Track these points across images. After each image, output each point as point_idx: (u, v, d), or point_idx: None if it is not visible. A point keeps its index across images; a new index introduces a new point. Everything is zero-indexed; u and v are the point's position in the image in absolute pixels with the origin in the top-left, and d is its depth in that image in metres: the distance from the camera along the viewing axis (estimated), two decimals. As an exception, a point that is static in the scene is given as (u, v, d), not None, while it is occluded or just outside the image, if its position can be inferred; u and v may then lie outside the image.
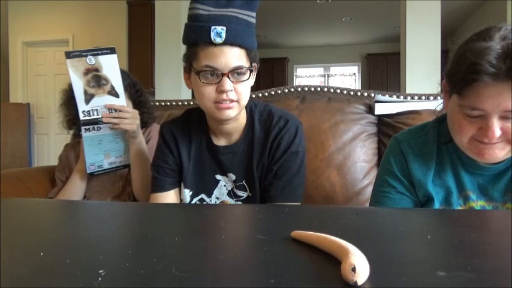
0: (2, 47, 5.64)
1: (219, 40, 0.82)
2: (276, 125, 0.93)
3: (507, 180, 0.78)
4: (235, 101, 0.87)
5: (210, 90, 0.85)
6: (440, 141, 0.84)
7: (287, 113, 0.98)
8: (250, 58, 0.88)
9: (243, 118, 0.96)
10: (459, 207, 0.82)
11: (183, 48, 0.90)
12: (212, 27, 0.82)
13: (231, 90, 0.85)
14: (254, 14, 0.88)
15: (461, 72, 0.68)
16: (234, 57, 0.84)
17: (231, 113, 0.87)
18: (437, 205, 0.83)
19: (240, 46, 0.85)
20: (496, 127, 0.67)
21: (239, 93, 0.87)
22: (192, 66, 0.87)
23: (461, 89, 0.69)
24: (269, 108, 0.98)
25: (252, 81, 0.92)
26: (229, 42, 0.83)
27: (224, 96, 0.85)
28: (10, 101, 5.49)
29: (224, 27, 0.82)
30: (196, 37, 0.84)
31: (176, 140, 0.98)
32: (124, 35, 5.06)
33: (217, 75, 0.84)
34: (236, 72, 0.85)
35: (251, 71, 0.88)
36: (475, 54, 0.65)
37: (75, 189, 1.27)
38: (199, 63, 0.85)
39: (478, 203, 0.81)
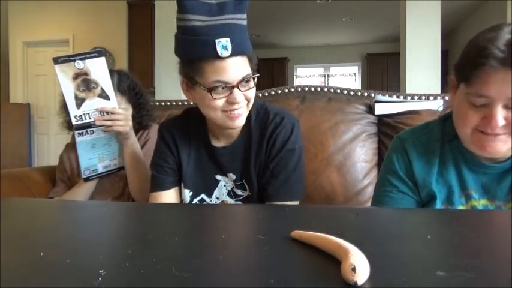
0: (2, 47, 5.64)
1: (226, 54, 0.79)
2: (271, 121, 0.93)
3: (511, 179, 0.78)
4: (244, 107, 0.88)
5: (220, 103, 0.85)
6: (444, 139, 0.84)
7: (283, 110, 0.98)
8: (251, 61, 0.87)
9: None
10: (461, 206, 0.82)
11: (183, 49, 0.90)
12: (217, 41, 0.78)
13: (243, 101, 0.86)
14: (245, 16, 0.85)
15: (470, 58, 0.70)
16: (242, 66, 0.83)
17: (241, 120, 0.88)
18: (439, 204, 0.83)
19: (244, 54, 0.83)
20: (500, 115, 0.68)
21: (248, 98, 0.87)
22: (195, 81, 0.85)
23: (469, 74, 0.70)
24: (265, 106, 0.98)
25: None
26: (235, 53, 0.80)
27: (236, 106, 0.85)
28: (10, 101, 5.49)
29: (228, 39, 0.79)
30: (199, 52, 0.80)
31: (175, 141, 0.97)
32: (124, 35, 5.06)
33: (227, 88, 0.83)
34: (244, 81, 0.84)
35: (255, 78, 0.87)
36: (484, 41, 0.68)
37: (80, 195, 1.27)
38: (206, 78, 0.82)
39: (480, 202, 0.81)
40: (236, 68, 0.82)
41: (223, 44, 0.78)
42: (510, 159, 0.77)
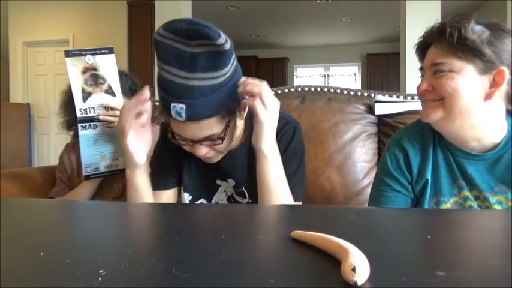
0: (2, 47, 5.64)
1: (179, 119, 0.75)
2: None
3: (496, 172, 0.80)
4: (214, 153, 0.86)
5: (187, 148, 0.84)
6: (435, 133, 0.87)
7: (286, 114, 0.96)
8: (229, 111, 0.80)
9: (240, 129, 0.93)
10: (454, 197, 0.84)
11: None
12: (172, 105, 0.74)
13: (207, 152, 0.83)
14: (227, 69, 0.75)
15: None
16: (202, 129, 0.77)
17: (215, 160, 0.87)
18: (432, 196, 0.85)
19: (208, 118, 0.76)
20: (425, 81, 0.81)
21: (218, 148, 0.84)
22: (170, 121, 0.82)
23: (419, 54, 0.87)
24: None
25: (243, 115, 0.87)
26: (192, 119, 0.75)
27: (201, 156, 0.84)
28: (10, 101, 5.49)
29: (184, 106, 0.73)
30: (163, 106, 0.78)
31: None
32: (124, 35, 5.05)
33: (189, 140, 0.81)
34: (208, 139, 0.80)
35: (222, 139, 0.81)
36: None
37: (81, 196, 1.27)
38: (172, 127, 0.81)
39: (472, 193, 0.83)
40: (194, 130, 0.78)
41: (177, 110, 0.74)
42: (493, 151, 0.80)
